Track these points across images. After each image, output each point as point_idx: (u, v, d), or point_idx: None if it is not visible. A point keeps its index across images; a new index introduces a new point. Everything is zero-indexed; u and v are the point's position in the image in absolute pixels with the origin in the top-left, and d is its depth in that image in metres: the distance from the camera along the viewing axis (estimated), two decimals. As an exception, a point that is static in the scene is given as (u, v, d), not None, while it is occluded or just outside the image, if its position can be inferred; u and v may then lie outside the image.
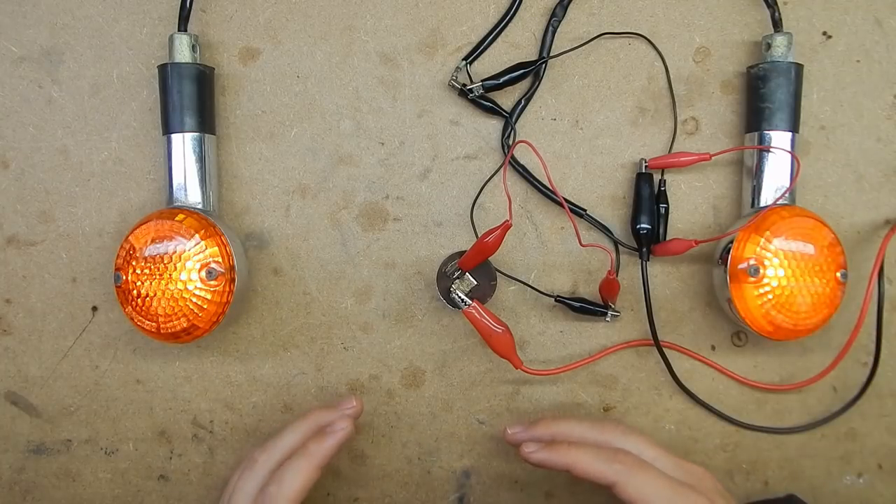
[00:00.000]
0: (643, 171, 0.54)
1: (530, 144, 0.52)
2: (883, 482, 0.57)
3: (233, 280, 0.51)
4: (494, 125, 0.55)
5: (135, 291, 0.50)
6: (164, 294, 0.49)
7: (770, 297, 0.50)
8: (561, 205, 0.53)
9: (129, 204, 0.55)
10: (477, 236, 0.55)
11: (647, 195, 0.54)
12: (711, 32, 0.55)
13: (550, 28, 0.55)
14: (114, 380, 0.56)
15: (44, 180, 0.55)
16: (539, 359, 0.56)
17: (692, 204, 0.55)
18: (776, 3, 0.52)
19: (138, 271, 0.50)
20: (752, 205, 0.53)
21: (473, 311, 0.51)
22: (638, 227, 0.54)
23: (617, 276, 0.54)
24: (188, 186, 0.52)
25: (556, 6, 0.54)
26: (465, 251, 0.52)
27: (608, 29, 0.55)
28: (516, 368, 0.53)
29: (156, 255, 0.49)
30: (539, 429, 0.51)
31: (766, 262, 0.50)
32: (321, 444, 0.49)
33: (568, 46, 0.55)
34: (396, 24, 0.55)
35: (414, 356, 0.56)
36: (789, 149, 0.52)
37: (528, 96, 0.55)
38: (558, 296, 0.55)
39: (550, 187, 0.54)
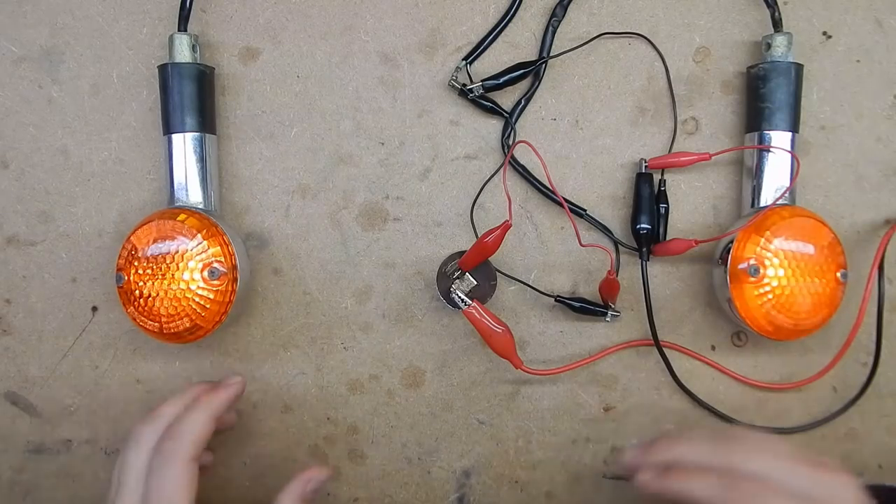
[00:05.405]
0: (643, 171, 0.54)
1: (530, 144, 0.52)
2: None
3: (235, 280, 0.51)
4: (494, 125, 0.55)
5: (137, 292, 0.50)
6: (166, 294, 0.49)
7: (770, 297, 0.50)
8: (561, 205, 0.53)
9: (130, 204, 0.55)
10: (477, 236, 0.55)
11: (647, 195, 0.54)
12: (711, 32, 0.55)
13: (550, 28, 0.55)
14: (114, 380, 0.56)
15: (44, 180, 0.55)
16: (539, 359, 0.56)
17: (692, 204, 0.56)
18: (776, 3, 0.52)
19: (140, 271, 0.49)
20: (752, 205, 0.53)
21: (473, 311, 0.51)
22: (638, 227, 0.54)
23: (617, 276, 0.54)
24: (189, 186, 0.52)
25: (556, 6, 0.55)
26: (465, 251, 0.52)
27: (608, 29, 0.55)
28: (516, 368, 0.53)
29: (158, 256, 0.49)
30: (657, 451, 0.47)
31: (766, 262, 0.50)
32: (215, 394, 0.48)
33: (568, 46, 0.55)
34: (396, 24, 0.55)
35: (414, 356, 0.56)
36: (789, 149, 0.52)
37: (528, 96, 0.55)
38: (558, 296, 0.55)
39: (550, 187, 0.54)
